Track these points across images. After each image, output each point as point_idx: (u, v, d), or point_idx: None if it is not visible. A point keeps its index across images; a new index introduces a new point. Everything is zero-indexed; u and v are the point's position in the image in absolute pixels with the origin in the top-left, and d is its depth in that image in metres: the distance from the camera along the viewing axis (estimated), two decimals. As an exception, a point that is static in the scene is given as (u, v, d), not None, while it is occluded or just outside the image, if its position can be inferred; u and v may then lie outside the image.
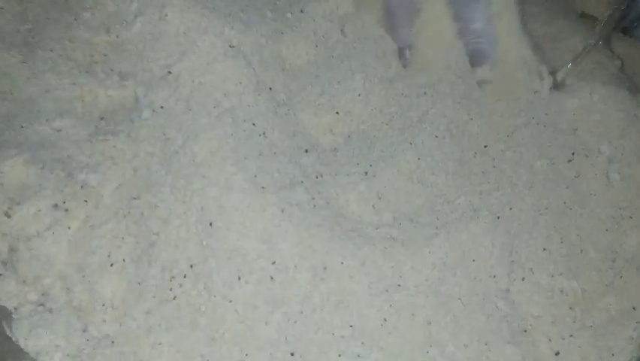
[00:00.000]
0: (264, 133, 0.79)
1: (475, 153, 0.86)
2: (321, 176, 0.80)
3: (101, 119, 0.79)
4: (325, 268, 0.72)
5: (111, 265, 0.70)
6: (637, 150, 0.87)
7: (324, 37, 0.92)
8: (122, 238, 0.71)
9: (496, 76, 0.92)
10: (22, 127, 0.74)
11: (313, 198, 0.76)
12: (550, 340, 0.75)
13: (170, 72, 0.79)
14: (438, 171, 0.83)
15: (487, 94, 0.92)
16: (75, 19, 0.83)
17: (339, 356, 0.69)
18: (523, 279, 0.78)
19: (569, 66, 0.97)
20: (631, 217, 0.83)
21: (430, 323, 0.72)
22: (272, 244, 0.71)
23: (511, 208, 0.81)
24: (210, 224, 0.70)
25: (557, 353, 0.75)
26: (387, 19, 0.94)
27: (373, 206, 0.80)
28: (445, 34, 0.91)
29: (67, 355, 0.65)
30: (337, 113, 0.86)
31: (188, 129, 0.75)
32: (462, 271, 0.76)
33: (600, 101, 0.91)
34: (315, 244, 0.72)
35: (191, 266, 0.69)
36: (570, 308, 0.77)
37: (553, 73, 0.96)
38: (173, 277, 0.69)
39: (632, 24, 1.11)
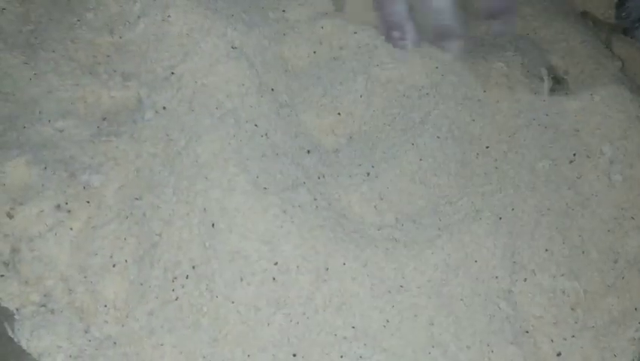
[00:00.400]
0: (266, 134, 0.79)
1: (478, 154, 0.86)
2: (323, 177, 0.80)
3: (104, 120, 0.78)
4: (327, 269, 0.72)
5: (113, 265, 0.70)
6: (639, 151, 0.87)
7: (323, 39, 0.92)
8: (125, 239, 0.71)
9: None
10: (24, 128, 0.74)
11: (315, 200, 0.76)
12: (552, 340, 0.76)
13: (173, 73, 0.79)
14: (440, 172, 0.83)
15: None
16: (78, 20, 0.83)
17: (342, 357, 0.69)
18: (525, 280, 0.78)
19: None
20: (633, 218, 0.83)
21: (433, 324, 0.72)
22: (274, 245, 0.71)
23: (513, 209, 0.81)
24: (213, 225, 0.70)
25: (559, 354, 0.75)
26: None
27: (375, 207, 0.80)
28: None
29: (70, 356, 0.65)
30: (339, 114, 0.86)
31: (191, 130, 0.75)
32: (464, 272, 0.76)
33: (601, 102, 0.91)
34: (318, 245, 0.72)
35: (194, 267, 0.69)
36: (572, 309, 0.78)
37: (552, 74, 0.96)
38: (175, 278, 0.69)
39: (633, 25, 1.11)
